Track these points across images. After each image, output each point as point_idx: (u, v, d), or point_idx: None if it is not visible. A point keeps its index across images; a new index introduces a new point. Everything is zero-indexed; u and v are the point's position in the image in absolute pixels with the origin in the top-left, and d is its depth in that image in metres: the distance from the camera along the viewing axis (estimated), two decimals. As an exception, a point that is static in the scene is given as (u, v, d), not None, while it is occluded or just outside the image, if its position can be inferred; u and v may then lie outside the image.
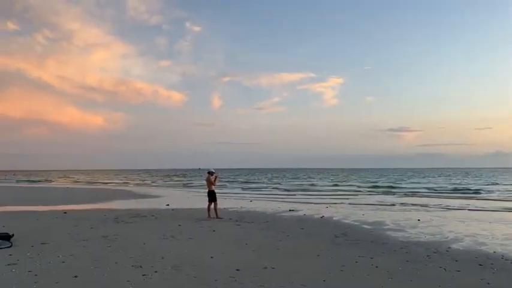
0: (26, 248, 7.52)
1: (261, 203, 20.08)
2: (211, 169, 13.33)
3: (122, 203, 19.80)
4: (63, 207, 16.45)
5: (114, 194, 27.03)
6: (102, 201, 20.76)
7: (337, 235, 9.87)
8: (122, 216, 13.25)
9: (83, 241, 8.37)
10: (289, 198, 24.94)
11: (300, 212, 15.51)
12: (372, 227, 11.47)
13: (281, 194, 29.87)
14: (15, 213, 14.20)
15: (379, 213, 15.74)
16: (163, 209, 15.99)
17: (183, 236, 9.23)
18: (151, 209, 16.16)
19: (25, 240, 8.26)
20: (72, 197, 24.51)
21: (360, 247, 8.29)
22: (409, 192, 31.62)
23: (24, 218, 12.54)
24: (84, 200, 21.06)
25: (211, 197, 13.00)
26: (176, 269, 5.95)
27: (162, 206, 17.33)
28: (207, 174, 13.35)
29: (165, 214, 14.12)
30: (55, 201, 19.95)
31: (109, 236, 9.09)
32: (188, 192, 30.78)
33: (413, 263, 6.80)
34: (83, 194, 27.46)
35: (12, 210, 15.36)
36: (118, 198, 23.20)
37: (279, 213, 14.89)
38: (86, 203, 19.09)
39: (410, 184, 45.20)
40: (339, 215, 14.73)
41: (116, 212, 14.76)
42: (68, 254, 6.98)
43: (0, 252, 7.10)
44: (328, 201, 22.49)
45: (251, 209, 16.41)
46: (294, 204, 19.81)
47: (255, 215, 14.12)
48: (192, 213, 14.63)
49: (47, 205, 17.84)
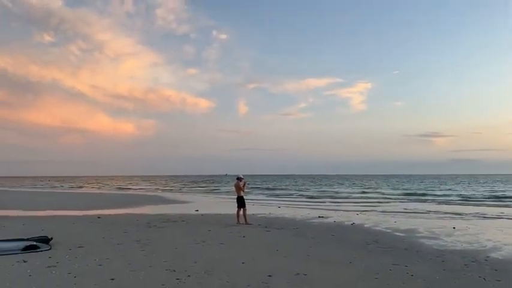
0: (64, 251, 7.79)
1: (289, 210, 19.98)
2: (240, 175, 13.39)
3: (152, 208, 20.20)
4: (97, 212, 16.97)
5: (145, 200, 27.61)
6: (133, 206, 21.25)
7: (369, 242, 9.68)
8: (153, 221, 13.51)
9: (117, 245, 8.58)
10: (317, 205, 24.70)
11: (329, 219, 15.32)
12: (404, 235, 11.18)
13: (309, 201, 29.62)
14: (52, 218, 14.75)
15: (412, 220, 15.32)
16: (192, 214, 16.20)
17: (213, 241, 9.30)
18: (181, 214, 16.39)
19: (63, 244, 8.56)
20: (104, 202, 25.20)
21: (393, 255, 8.09)
22: (442, 200, 30.61)
23: (61, 222, 13.00)
24: (116, 205, 21.62)
25: (240, 203, 13.05)
26: (209, 274, 6.00)
27: (192, 212, 17.54)
28: (235, 180, 13.42)
29: (195, 219, 14.30)
30: (89, 207, 20.60)
31: (142, 240, 9.29)
32: (216, 198, 31.05)
33: (450, 272, 6.57)
34: (114, 200, 28.18)
35: (50, 215, 15.97)
36: (148, 203, 23.68)
37: (308, 220, 14.76)
38: (118, 208, 19.59)
39: (443, 191, 43.77)
40: (370, 222, 14.45)
41: (147, 216, 15.07)
42: (104, 257, 7.17)
43: (40, 255, 7.38)
44: (357, 208, 22.12)
45: (279, 216, 16.35)
46: (323, 211, 19.59)
47: (284, 222, 14.05)
48: (221, 218, 14.73)
49: (82, 210, 18.46)
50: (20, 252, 7.71)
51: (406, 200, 31.06)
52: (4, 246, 7.82)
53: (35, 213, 16.79)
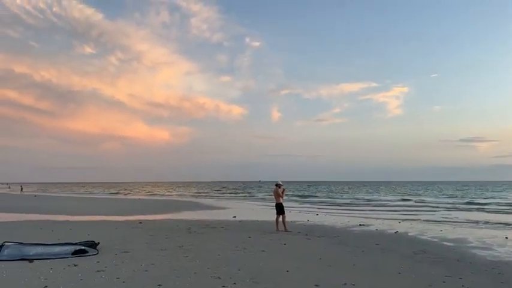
0: (111, 255, 7.96)
1: (327, 217, 19.61)
2: (279, 181, 13.29)
3: (190, 213, 20.44)
4: (138, 218, 17.37)
5: (182, 205, 28.05)
6: (172, 212, 21.62)
7: (416, 252, 9.27)
8: (193, 226, 13.64)
9: (161, 251, 8.69)
10: (355, 213, 24.13)
11: (371, 227, 14.88)
12: (453, 244, 10.64)
13: (346, 208, 28.97)
14: (96, 223, 15.23)
15: (459, 229, 14.60)
16: (230, 221, 16.22)
17: (255, 248, 9.22)
18: (219, 220, 16.46)
19: (109, 248, 8.76)
20: (144, 207, 25.80)
21: (444, 266, 7.69)
22: (488, 208, 29.02)
23: (105, 227, 13.37)
24: (156, 211, 22.08)
25: (279, 210, 12.93)
26: (254, 282, 5.92)
27: (229, 218, 17.59)
28: (274, 187, 13.32)
29: (234, 225, 14.30)
30: (129, 212, 21.15)
31: (184, 245, 9.36)
32: (252, 204, 31.05)
33: (508, 285, 6.16)
34: (153, 205, 28.82)
35: (93, 220, 16.51)
36: (186, 209, 24.01)
37: (349, 228, 14.40)
38: (157, 214, 19.99)
39: (488, 199, 41.56)
40: (414, 230, 13.89)
41: (186, 222, 15.24)
42: (149, 262, 7.26)
43: (88, 259, 7.58)
44: (398, 216, 21.40)
45: (318, 223, 16.07)
46: (362, 218, 19.09)
47: (324, 229, 13.78)
48: (260, 225, 14.66)
49: (123, 215, 18.95)
50: (70, 256, 7.96)
51: (450, 208, 29.71)
52: (56, 250, 8.11)
53: (79, 218, 17.40)
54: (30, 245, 8.16)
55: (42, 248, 8.08)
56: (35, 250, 7.93)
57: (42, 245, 8.26)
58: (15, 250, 7.77)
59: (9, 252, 7.68)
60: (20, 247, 7.93)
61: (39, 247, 8.08)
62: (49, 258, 7.71)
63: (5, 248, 7.77)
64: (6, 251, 7.69)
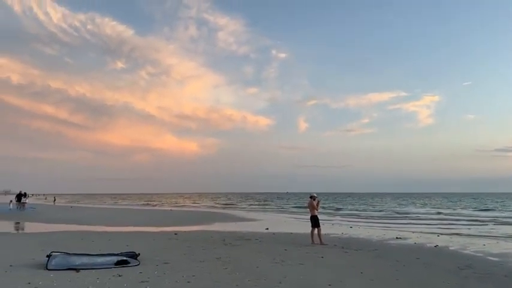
0: (152, 266, 8.10)
1: (361, 230, 19.21)
2: (313, 194, 13.18)
3: (222, 225, 20.54)
4: (172, 229, 17.61)
5: (214, 217, 28.23)
6: (205, 223, 21.80)
7: (461, 267, 8.91)
8: (227, 238, 13.70)
9: (200, 262, 8.77)
10: (390, 225, 23.53)
11: (408, 240, 14.46)
12: (500, 259, 10.17)
13: (379, 221, 28.27)
14: (133, 234, 15.56)
15: (503, 244, 13.95)
16: (264, 233, 16.17)
17: (293, 261, 9.15)
18: (252, 232, 16.44)
19: (149, 259, 8.93)
20: (176, 219, 26.14)
21: (492, 282, 7.35)
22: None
23: (142, 238, 13.64)
24: (189, 222, 22.33)
25: (314, 222, 12.80)
26: (298, 295, 5.88)
27: (262, 230, 17.53)
28: (309, 199, 13.22)
29: (267, 238, 14.24)
30: (164, 223, 21.50)
31: (222, 257, 9.41)
32: (283, 216, 30.85)
33: None
34: (185, 216, 29.16)
35: (130, 231, 16.88)
36: (218, 220, 24.14)
37: (385, 241, 14.05)
38: (191, 225, 20.21)
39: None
40: (455, 244, 13.38)
41: (220, 234, 15.32)
42: (190, 274, 7.34)
43: (131, 270, 7.75)
44: (435, 229, 20.71)
45: (353, 236, 15.77)
46: (398, 231, 18.58)
47: (361, 242, 13.50)
48: (294, 238, 14.54)
49: (158, 226, 19.29)
50: (113, 266, 8.17)
51: (489, 221, 28.42)
52: (99, 260, 8.35)
53: (116, 229, 17.82)
54: (76, 255, 8.44)
55: (87, 258, 8.34)
56: (80, 260, 8.20)
57: (87, 255, 8.52)
58: (62, 260, 8.06)
59: (56, 261, 7.97)
60: (67, 257, 8.22)
61: (84, 257, 8.35)
62: (94, 268, 7.94)
63: (53, 258, 8.07)
64: (54, 261, 7.98)
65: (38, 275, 7.16)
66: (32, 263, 8.52)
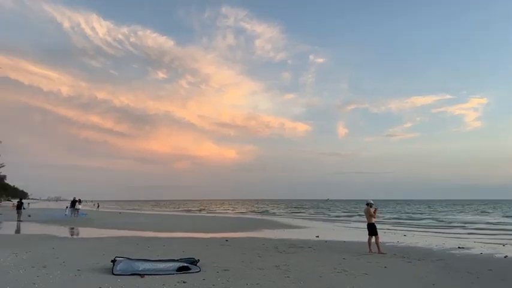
0: (213, 273, 8.02)
1: (417, 238, 18.31)
2: (370, 200, 12.69)
3: (270, 232, 20.32)
4: (222, 235, 17.65)
5: (260, 223, 28.09)
6: (252, 230, 21.68)
7: (546, 281, 8.15)
8: (279, 245, 13.48)
9: (259, 270, 8.60)
10: (445, 234, 22.31)
11: (472, 250, 13.57)
12: None
13: (434, 229, 26.90)
14: (185, 239, 15.70)
15: None
16: (315, 240, 15.78)
17: (355, 270, 8.76)
18: (303, 239, 16.10)
19: (208, 266, 8.88)
20: (222, 225, 26.26)
21: None
22: None
23: (195, 244, 13.71)
24: (236, 229, 22.32)
25: (371, 230, 12.31)
26: (375, 308, 5.54)
27: (312, 237, 17.14)
28: (365, 206, 12.75)
29: (321, 246, 13.87)
30: (212, 229, 21.62)
31: (280, 265, 9.20)
32: (330, 224, 30.13)
33: None
34: (230, 223, 29.27)
35: (182, 237, 17.08)
36: (264, 227, 23.92)
37: (448, 251, 13.24)
38: (239, 232, 20.16)
39: None
40: (527, 255, 12.37)
41: (271, 241, 15.12)
42: (254, 282, 7.18)
43: (193, 276, 7.71)
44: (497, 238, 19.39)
45: (411, 245, 15.03)
46: (456, 240, 17.55)
47: (421, 251, 12.81)
48: (348, 246, 14.07)
49: (207, 232, 19.40)
50: (175, 272, 8.18)
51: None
52: (161, 266, 8.39)
53: (167, 234, 18.08)
54: (139, 260, 8.53)
55: (149, 263, 8.41)
56: (143, 266, 8.27)
57: (149, 261, 8.60)
58: (126, 265, 8.17)
59: (121, 267, 8.10)
60: (130, 262, 8.32)
61: (147, 263, 8.42)
62: (157, 274, 7.98)
63: (117, 263, 8.21)
64: (119, 266, 8.11)
65: (106, 279, 7.28)
66: (97, 267, 8.72)
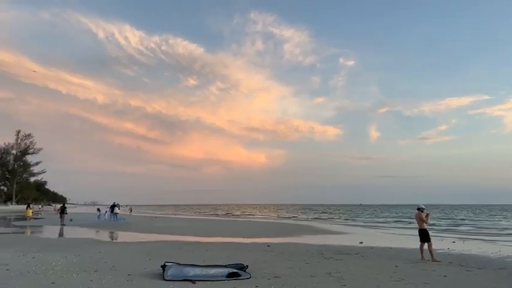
0: (264, 280, 7.75)
1: (468, 245, 17.25)
2: (421, 205, 12.07)
3: (311, 238, 19.86)
4: (262, 240, 17.40)
5: (297, 229, 27.60)
6: (291, 235, 21.29)
7: None
8: (324, 251, 13.07)
9: (311, 277, 8.27)
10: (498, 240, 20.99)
11: (534, 258, 12.63)
12: None
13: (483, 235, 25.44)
14: (226, 244, 15.55)
15: None
16: (360, 247, 15.21)
17: (413, 279, 8.25)
18: (347, 245, 15.57)
19: (256, 272, 8.63)
20: (260, 230, 25.95)
21: None
22: None
23: (237, 249, 13.51)
24: (275, 234, 21.97)
25: (423, 237, 11.69)
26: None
27: (356, 243, 16.55)
28: (416, 211, 12.14)
29: (368, 252, 13.31)
30: (250, 234, 21.38)
31: (332, 273, 8.82)
32: (371, 230, 29.11)
33: None
34: (267, 228, 28.91)
35: (223, 241, 16.94)
36: (304, 233, 23.44)
37: (506, 258, 12.38)
38: (278, 237, 19.83)
39: None
40: None
41: (314, 246, 14.72)
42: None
43: (245, 283, 7.49)
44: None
45: (464, 252, 14.20)
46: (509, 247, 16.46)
47: (478, 259, 12.03)
48: (396, 253, 13.45)
49: (246, 237, 19.19)
50: (225, 278, 7.98)
51: None
52: (211, 272, 8.21)
53: (207, 239, 18.01)
54: (188, 266, 8.39)
55: (199, 269, 8.25)
56: (194, 271, 8.13)
57: (198, 266, 8.44)
58: (177, 270, 8.05)
59: (172, 272, 7.98)
60: (181, 267, 8.20)
61: (197, 268, 8.26)
62: (207, 280, 7.82)
63: (168, 268, 8.10)
64: (170, 271, 8.00)
65: (157, 285, 7.20)
66: (147, 272, 8.66)
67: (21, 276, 7.84)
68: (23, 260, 9.97)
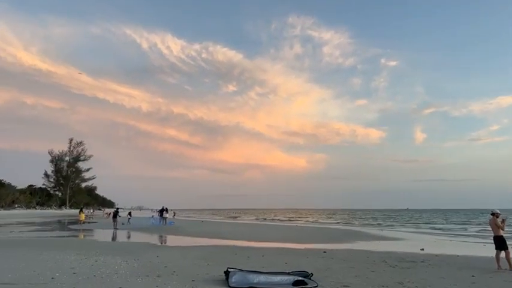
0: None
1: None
2: (496, 210, 11.07)
3: (366, 244, 18.99)
4: (316, 246, 16.90)
5: (348, 234, 26.71)
6: (344, 241, 20.53)
7: None
8: (387, 259, 12.35)
9: (382, 287, 7.72)
10: None
11: None
12: None
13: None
14: (281, 250, 15.21)
15: None
16: (424, 254, 14.27)
17: (500, 292, 7.48)
18: (408, 252, 14.68)
19: (322, 280, 8.22)
20: (310, 235, 25.37)
21: None
22: None
23: (293, 255, 13.10)
24: (329, 239, 21.31)
25: (499, 244, 10.70)
26: None
27: (416, 250, 15.60)
28: (490, 216, 11.17)
29: (434, 260, 12.41)
30: (302, 240, 20.93)
31: (404, 282, 8.22)
32: (427, 236, 27.58)
33: None
34: (317, 233, 28.24)
35: (277, 247, 16.60)
36: (356, 238, 22.60)
37: None
38: (333, 243, 19.17)
39: None
40: None
41: (373, 254, 13.99)
42: (387, 301, 6.34)
43: (314, 292, 7.08)
44: None
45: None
46: None
47: None
48: (466, 261, 12.44)
49: (298, 243, 18.73)
50: (291, 287, 7.64)
51: None
52: (276, 279, 7.89)
53: (261, 244, 17.74)
54: (251, 272, 8.11)
55: (263, 276, 7.94)
56: (258, 278, 7.84)
57: (262, 273, 8.13)
58: (241, 277, 7.80)
59: (236, 279, 7.74)
60: (245, 274, 7.93)
61: (261, 275, 7.97)
62: (272, 287, 7.51)
63: (232, 275, 7.86)
64: (234, 278, 7.76)
65: (224, 292, 6.95)
66: (209, 278, 8.49)
67: (89, 280, 7.90)
68: (86, 263, 10.15)
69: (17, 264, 9.91)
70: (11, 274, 8.38)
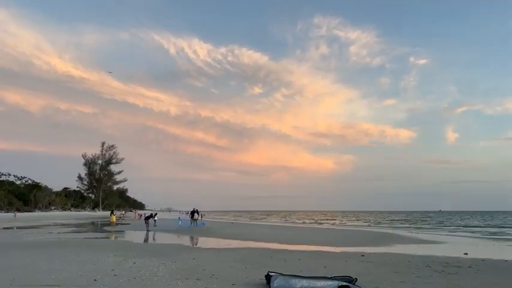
0: (381, 295, 6.97)
1: None
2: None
3: (404, 247, 18.28)
4: (353, 249, 16.46)
5: (383, 237, 25.94)
6: (381, 244, 19.89)
7: None
8: (430, 263, 11.79)
9: (432, 294, 7.30)
10: None
11: None
12: None
13: None
14: (316, 253, 14.85)
15: None
16: (468, 258, 13.56)
17: None
18: (451, 257, 13.98)
19: (367, 286, 7.88)
20: (344, 238, 24.74)
21: None
22: None
23: (331, 259, 12.75)
24: (365, 243, 20.69)
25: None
26: None
27: (460, 255, 14.86)
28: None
29: (481, 265, 11.75)
30: (336, 242, 20.47)
31: (455, 290, 7.75)
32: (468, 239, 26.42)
33: None
34: (351, 235, 27.57)
35: (311, 250, 16.27)
36: (393, 241, 21.86)
37: None
38: (369, 246, 18.59)
39: None
40: None
41: (414, 258, 13.41)
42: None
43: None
44: None
45: None
46: None
47: None
48: (516, 266, 11.75)
49: (333, 246, 18.31)
50: (336, 292, 7.35)
51: None
52: (319, 284, 7.59)
53: (294, 247, 17.35)
54: (294, 277, 7.87)
55: (306, 281, 7.68)
56: (301, 283, 7.59)
57: (305, 278, 7.87)
58: (283, 281, 7.59)
59: (278, 283, 7.54)
60: (287, 279, 7.71)
61: (304, 280, 7.70)
62: (316, 293, 7.25)
63: (273, 279, 7.66)
64: (276, 282, 7.56)
65: (267, 297, 6.74)
66: (248, 281, 8.34)
67: (129, 282, 7.90)
68: (125, 265, 10.20)
69: (59, 265, 10.08)
70: (55, 275, 8.50)
